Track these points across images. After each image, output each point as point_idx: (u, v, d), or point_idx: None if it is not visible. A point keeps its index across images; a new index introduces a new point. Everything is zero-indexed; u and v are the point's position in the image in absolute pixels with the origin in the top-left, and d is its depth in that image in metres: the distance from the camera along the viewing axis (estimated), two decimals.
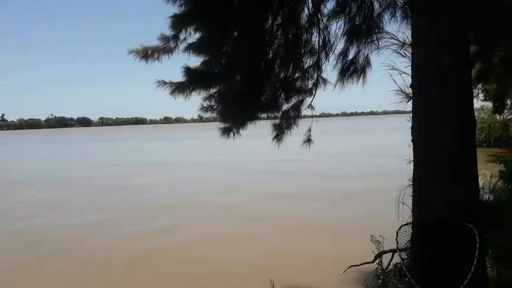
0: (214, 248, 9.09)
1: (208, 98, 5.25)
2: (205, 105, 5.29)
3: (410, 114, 3.30)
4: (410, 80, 3.35)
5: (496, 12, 7.84)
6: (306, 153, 6.90)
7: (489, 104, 18.50)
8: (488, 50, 8.97)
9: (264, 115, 6.13)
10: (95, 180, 20.85)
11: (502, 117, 23.93)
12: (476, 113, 13.84)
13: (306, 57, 6.97)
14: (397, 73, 3.53)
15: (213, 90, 5.20)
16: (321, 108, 7.02)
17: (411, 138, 3.29)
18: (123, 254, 8.87)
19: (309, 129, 6.26)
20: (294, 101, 7.08)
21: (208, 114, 5.35)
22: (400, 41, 3.69)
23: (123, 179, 20.67)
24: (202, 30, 4.96)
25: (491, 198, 8.60)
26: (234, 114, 5.32)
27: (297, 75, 7.10)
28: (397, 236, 2.99)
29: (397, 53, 3.67)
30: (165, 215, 12.46)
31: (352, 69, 5.49)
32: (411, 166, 3.38)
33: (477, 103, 24.89)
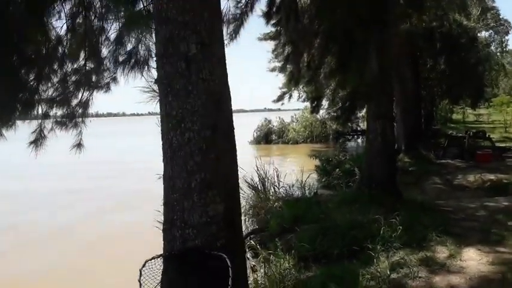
0: None
1: None
2: None
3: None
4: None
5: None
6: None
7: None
8: (297, 54, 9.29)
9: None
10: None
11: (321, 116, 26.31)
12: (300, 113, 14.63)
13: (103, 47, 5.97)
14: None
15: None
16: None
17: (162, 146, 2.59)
18: None
19: (80, 132, 5.22)
20: (83, 96, 6.02)
21: None
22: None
23: None
24: None
25: (300, 195, 8.91)
26: None
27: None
28: (140, 275, 2.26)
29: None
30: None
31: (134, 61, 4.64)
32: None
33: (301, 104, 26.95)
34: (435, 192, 10.01)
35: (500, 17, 24.10)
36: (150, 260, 2.32)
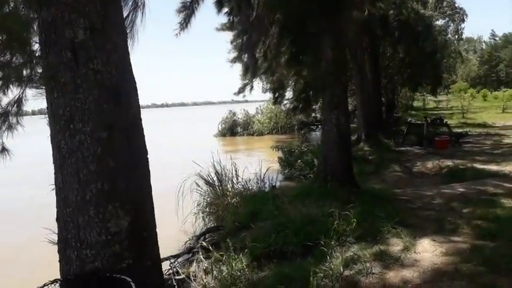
0: None
1: None
2: None
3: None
4: None
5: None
6: None
7: None
8: (251, 44, 8.94)
9: None
10: None
11: (285, 107, 26.11)
12: (265, 104, 14.19)
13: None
14: None
15: None
16: None
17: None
18: None
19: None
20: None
21: None
22: None
23: None
24: None
25: (259, 189, 8.61)
26: None
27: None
28: None
29: None
30: None
31: None
32: None
33: (266, 95, 26.69)
34: (394, 180, 9.98)
35: (456, 5, 24.55)
36: (43, 287, 1.94)
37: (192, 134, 33.66)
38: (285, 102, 20.13)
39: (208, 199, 7.98)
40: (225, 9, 8.05)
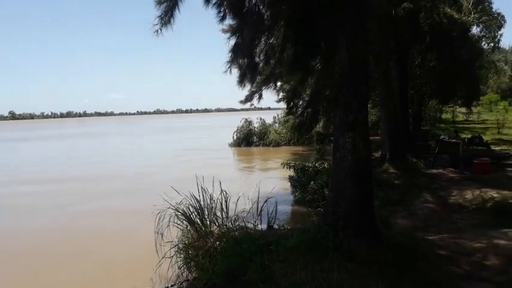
0: None
1: None
2: None
3: None
4: None
5: None
6: None
7: None
8: (245, 45, 7.08)
9: None
10: None
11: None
12: (282, 113, 11.91)
13: None
14: None
15: None
16: None
17: None
18: None
19: None
20: None
21: None
22: None
23: None
24: None
25: (253, 225, 6.66)
26: None
27: None
28: None
29: None
30: None
31: None
32: None
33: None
34: (425, 214, 7.91)
35: (493, 10, 21.96)
36: None
37: (206, 143, 31.94)
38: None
39: (187, 240, 6.12)
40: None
